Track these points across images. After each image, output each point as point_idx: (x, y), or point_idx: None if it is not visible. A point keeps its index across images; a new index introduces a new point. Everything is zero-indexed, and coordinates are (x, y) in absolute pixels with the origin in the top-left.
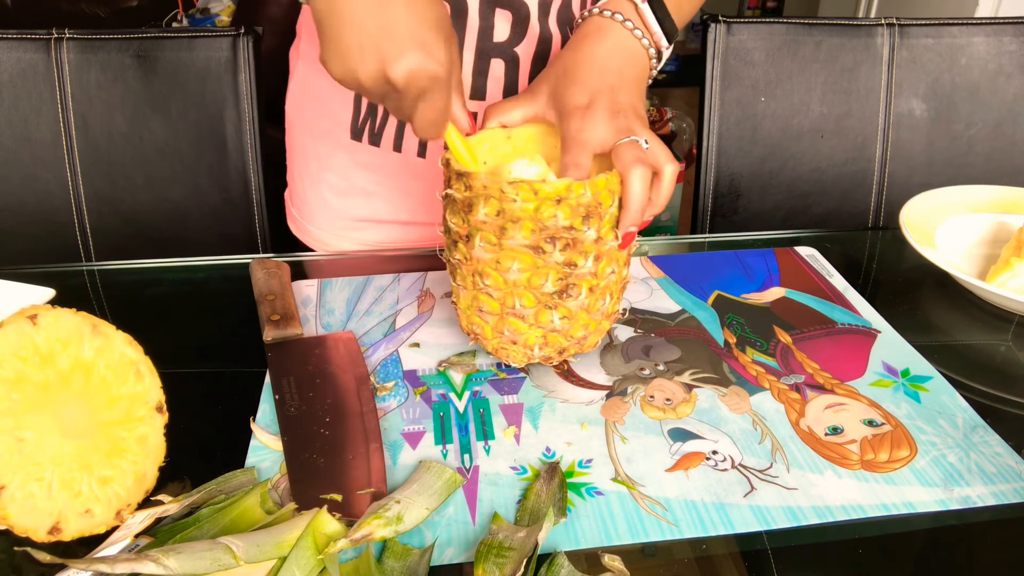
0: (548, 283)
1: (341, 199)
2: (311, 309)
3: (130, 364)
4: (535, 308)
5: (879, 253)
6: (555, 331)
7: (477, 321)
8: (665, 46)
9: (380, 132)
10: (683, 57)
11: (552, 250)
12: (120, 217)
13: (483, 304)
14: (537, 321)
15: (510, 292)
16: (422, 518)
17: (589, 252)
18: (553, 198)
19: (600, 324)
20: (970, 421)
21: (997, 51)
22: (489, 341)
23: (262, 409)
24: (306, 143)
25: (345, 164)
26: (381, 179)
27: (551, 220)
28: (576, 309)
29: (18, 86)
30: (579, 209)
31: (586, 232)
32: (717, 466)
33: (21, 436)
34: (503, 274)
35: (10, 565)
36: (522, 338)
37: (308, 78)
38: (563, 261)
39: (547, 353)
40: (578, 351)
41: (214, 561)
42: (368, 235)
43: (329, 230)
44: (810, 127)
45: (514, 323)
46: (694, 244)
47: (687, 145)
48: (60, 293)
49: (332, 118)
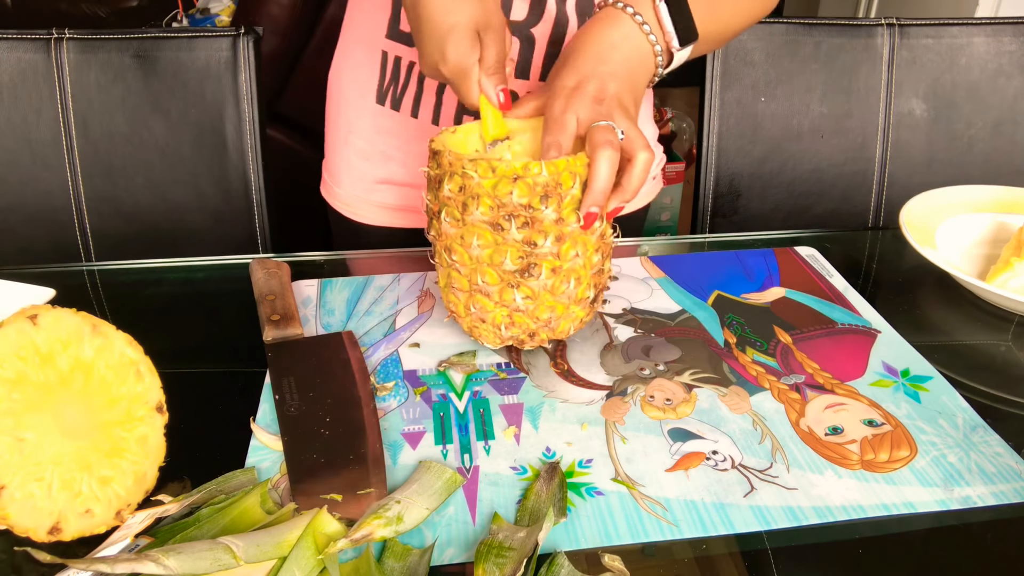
0: (508, 260)
1: (364, 162)
2: (311, 309)
3: (130, 364)
4: (498, 286)
5: (879, 253)
6: (519, 311)
7: (452, 299)
8: (676, 48)
9: (400, 97)
10: None
11: (510, 227)
12: (120, 217)
13: (454, 280)
14: (501, 299)
15: (475, 268)
16: (422, 518)
17: (549, 232)
18: (510, 176)
19: (569, 309)
20: (970, 421)
21: (997, 51)
22: (463, 319)
23: (262, 409)
24: (340, 107)
25: (369, 128)
26: (399, 144)
27: (507, 197)
28: (538, 289)
29: (18, 86)
30: (536, 188)
31: (544, 211)
32: (717, 466)
33: (21, 436)
34: (467, 250)
35: (10, 565)
36: (489, 316)
37: (348, 48)
38: (522, 239)
39: (514, 333)
40: (550, 336)
41: (214, 561)
42: (386, 197)
43: (351, 190)
44: (810, 127)
45: (481, 300)
46: (694, 244)
47: (687, 145)
48: (60, 293)
49: (362, 83)
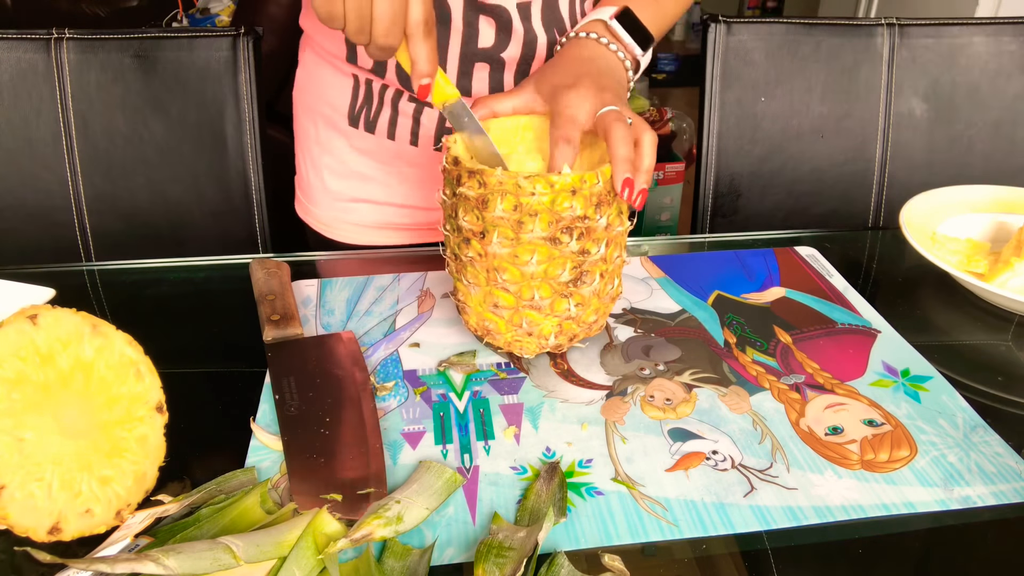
0: (565, 272)
1: (340, 181)
2: (311, 309)
3: (130, 364)
4: (551, 298)
5: (879, 253)
6: (570, 319)
7: (490, 317)
8: (640, 54)
9: (375, 120)
10: (683, 57)
11: (568, 240)
12: (120, 217)
13: (498, 299)
14: (553, 311)
15: (527, 284)
16: (422, 518)
17: (601, 239)
18: (568, 189)
19: (607, 307)
20: (970, 421)
21: (997, 51)
22: (502, 335)
23: (262, 409)
24: (309, 128)
25: (343, 148)
26: (377, 164)
27: (567, 211)
28: (589, 295)
29: (18, 86)
30: (592, 198)
31: (598, 220)
32: (717, 466)
33: (21, 436)
34: (520, 267)
35: (10, 565)
36: (538, 328)
37: (312, 67)
38: (578, 250)
39: (560, 341)
40: (586, 335)
41: (214, 561)
42: (365, 216)
43: (328, 210)
44: (810, 127)
45: (530, 315)
46: (694, 244)
47: (687, 145)
48: (60, 293)
49: (332, 105)
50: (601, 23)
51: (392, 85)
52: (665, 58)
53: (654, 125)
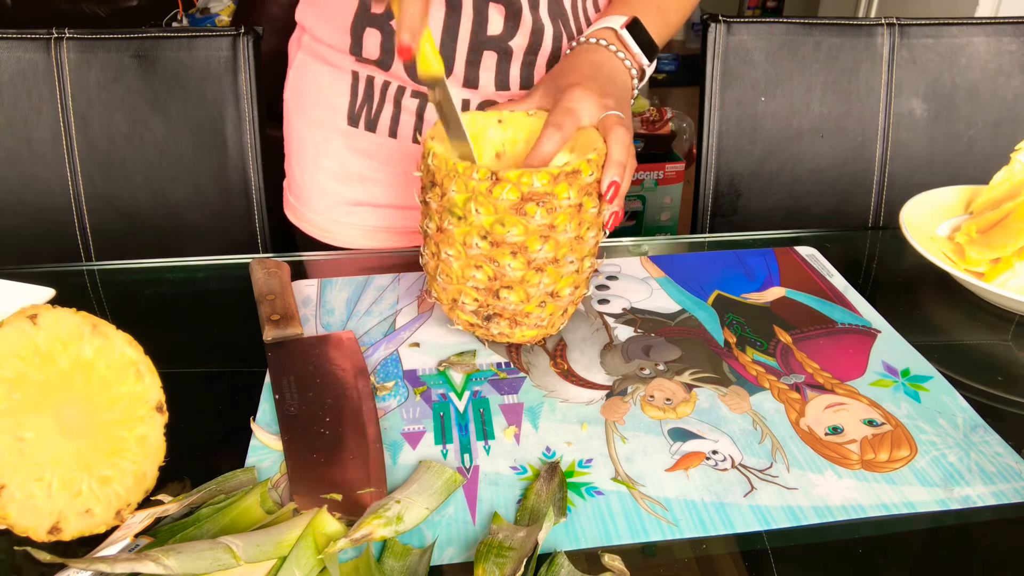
0: (543, 249)
1: (338, 184)
2: (311, 309)
3: (130, 364)
4: (523, 270)
5: (879, 253)
6: (548, 294)
7: (467, 291)
8: (646, 64)
9: (376, 118)
10: (683, 57)
11: (535, 211)
12: (120, 217)
13: (474, 275)
14: (526, 282)
15: (501, 252)
16: (422, 518)
17: (570, 217)
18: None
19: (582, 282)
20: (970, 421)
21: (997, 51)
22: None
23: (262, 409)
24: (303, 130)
25: (342, 150)
26: (378, 165)
27: (528, 187)
28: (564, 271)
29: (18, 86)
30: (562, 177)
31: (566, 199)
32: (717, 466)
33: (21, 436)
34: (496, 238)
35: (10, 565)
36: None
37: (307, 67)
38: (547, 223)
39: (531, 308)
40: (573, 303)
41: (214, 561)
42: (365, 219)
43: (326, 214)
44: (810, 127)
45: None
46: (694, 244)
47: (687, 145)
48: (60, 293)
49: (329, 105)
50: (611, 31)
51: (395, 79)
52: (665, 58)
53: (654, 125)
